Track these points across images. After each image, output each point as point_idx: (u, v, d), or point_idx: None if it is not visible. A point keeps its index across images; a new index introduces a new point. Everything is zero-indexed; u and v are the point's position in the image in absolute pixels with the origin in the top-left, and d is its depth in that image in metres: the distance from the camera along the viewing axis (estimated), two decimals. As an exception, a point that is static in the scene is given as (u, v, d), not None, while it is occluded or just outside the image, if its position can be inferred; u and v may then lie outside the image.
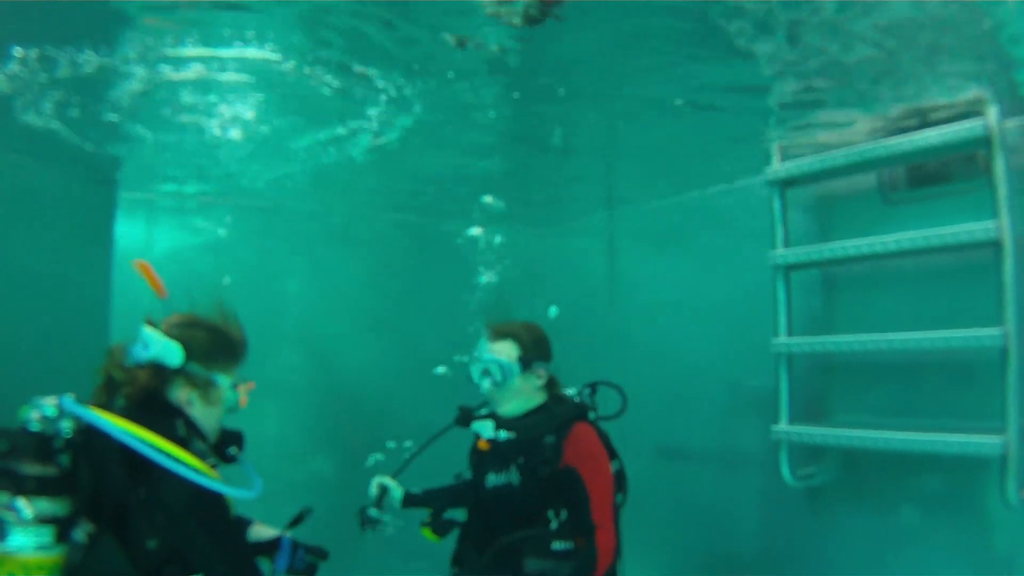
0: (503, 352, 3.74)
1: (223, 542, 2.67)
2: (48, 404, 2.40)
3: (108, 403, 2.66)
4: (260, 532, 3.19)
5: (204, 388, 2.84)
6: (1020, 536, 3.98)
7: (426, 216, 7.06)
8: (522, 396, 3.77)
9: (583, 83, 4.13)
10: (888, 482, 4.50)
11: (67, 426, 2.40)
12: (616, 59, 3.83)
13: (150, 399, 2.72)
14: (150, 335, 2.74)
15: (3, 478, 2.31)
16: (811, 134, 4.66)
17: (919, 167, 4.51)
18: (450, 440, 3.99)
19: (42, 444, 2.36)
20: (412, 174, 5.81)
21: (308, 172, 5.56)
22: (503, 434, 3.69)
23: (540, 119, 4.68)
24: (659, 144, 5.07)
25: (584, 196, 6.56)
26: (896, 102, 4.16)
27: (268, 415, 6.01)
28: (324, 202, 6.60)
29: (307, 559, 3.18)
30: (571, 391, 3.96)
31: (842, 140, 4.63)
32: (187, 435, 2.72)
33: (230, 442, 2.96)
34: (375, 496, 3.96)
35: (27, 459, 2.33)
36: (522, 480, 3.66)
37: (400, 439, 5.29)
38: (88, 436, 2.42)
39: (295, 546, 3.15)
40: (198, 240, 6.09)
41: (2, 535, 2.29)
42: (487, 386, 3.75)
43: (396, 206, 6.85)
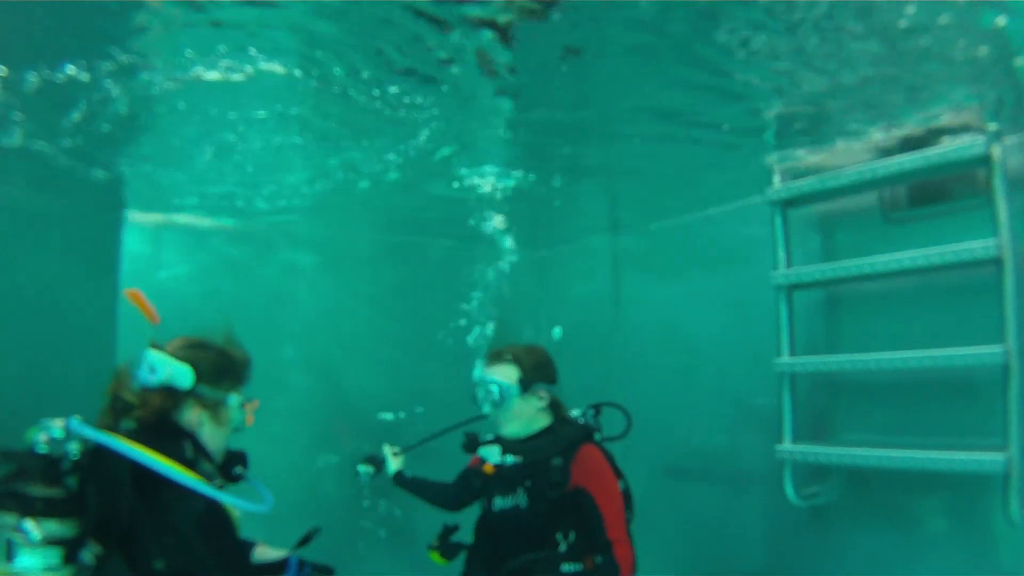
0: (503, 374, 3.78)
1: (230, 563, 2.68)
2: (55, 426, 2.41)
3: (115, 425, 2.67)
4: (265, 553, 3.20)
5: (214, 409, 2.86)
6: (1024, 553, 3.99)
7: (428, 236, 7.09)
8: (523, 418, 3.79)
9: (588, 109, 4.17)
10: (892, 500, 4.49)
11: (74, 448, 2.41)
12: (617, 84, 3.89)
13: (160, 422, 2.74)
14: (157, 359, 2.76)
15: (11, 500, 2.32)
16: (811, 154, 4.69)
17: (920, 186, 4.52)
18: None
19: (49, 466, 2.37)
20: (415, 195, 5.84)
21: (317, 194, 5.61)
22: (510, 458, 3.72)
23: (545, 142, 4.72)
24: (661, 165, 5.10)
25: (588, 217, 6.58)
26: (895, 121, 4.18)
27: (273, 435, 6.00)
28: (327, 223, 6.63)
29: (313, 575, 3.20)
30: (575, 412, 3.98)
31: (843, 160, 4.65)
32: (195, 457, 2.73)
33: (234, 462, 2.97)
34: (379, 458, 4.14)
35: (35, 481, 2.33)
36: (530, 503, 3.68)
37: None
38: (95, 458, 2.44)
39: (302, 564, 3.16)
40: (205, 261, 6.11)
41: (10, 556, 2.30)
42: (488, 408, 3.80)
43: (398, 226, 6.87)
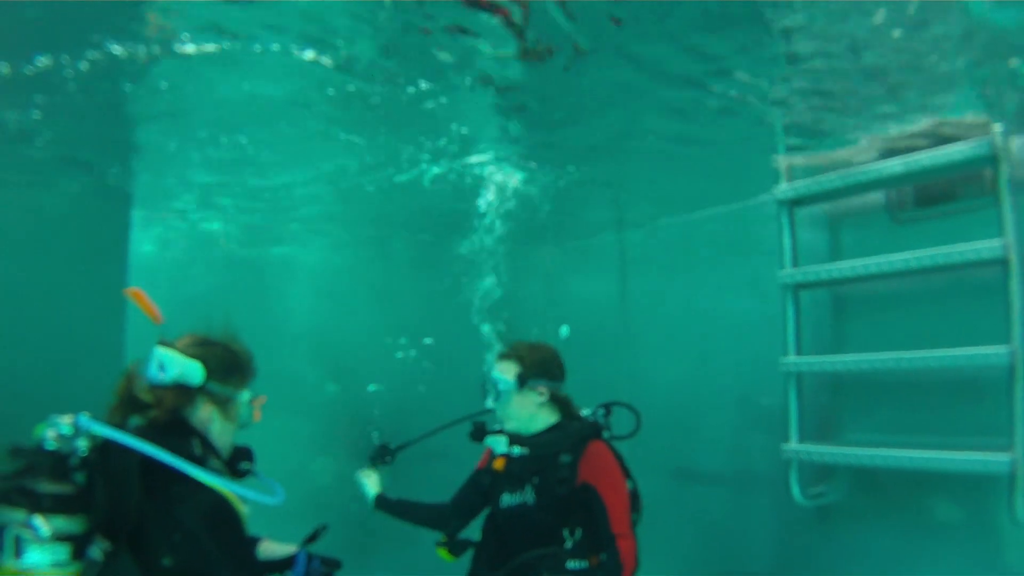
0: (503, 370, 3.86)
1: (238, 560, 2.69)
2: (64, 422, 2.42)
3: (123, 423, 2.69)
4: (272, 549, 3.22)
5: (224, 405, 2.88)
6: (1030, 553, 3.99)
7: (438, 235, 7.11)
8: (522, 413, 3.84)
9: (595, 109, 4.20)
10: (898, 500, 4.50)
11: (83, 444, 2.42)
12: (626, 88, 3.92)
13: (171, 419, 2.75)
14: (167, 356, 2.77)
15: (20, 496, 2.32)
16: (818, 154, 4.69)
17: (926, 186, 4.53)
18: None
19: (58, 462, 2.37)
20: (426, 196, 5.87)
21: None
22: (516, 449, 3.75)
23: (553, 142, 4.74)
24: (668, 164, 5.11)
25: (596, 215, 6.59)
26: (901, 121, 4.19)
27: (281, 427, 6.02)
28: (342, 220, 6.67)
29: (322, 569, 3.21)
30: (586, 412, 4.00)
31: (850, 160, 4.65)
32: (203, 454, 2.75)
33: (240, 458, 2.99)
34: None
35: (43, 477, 2.34)
36: (538, 499, 3.71)
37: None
38: (104, 454, 2.45)
39: (310, 558, 3.17)
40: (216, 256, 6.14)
41: (19, 552, 2.30)
42: (490, 402, 3.88)
43: (407, 225, 6.90)
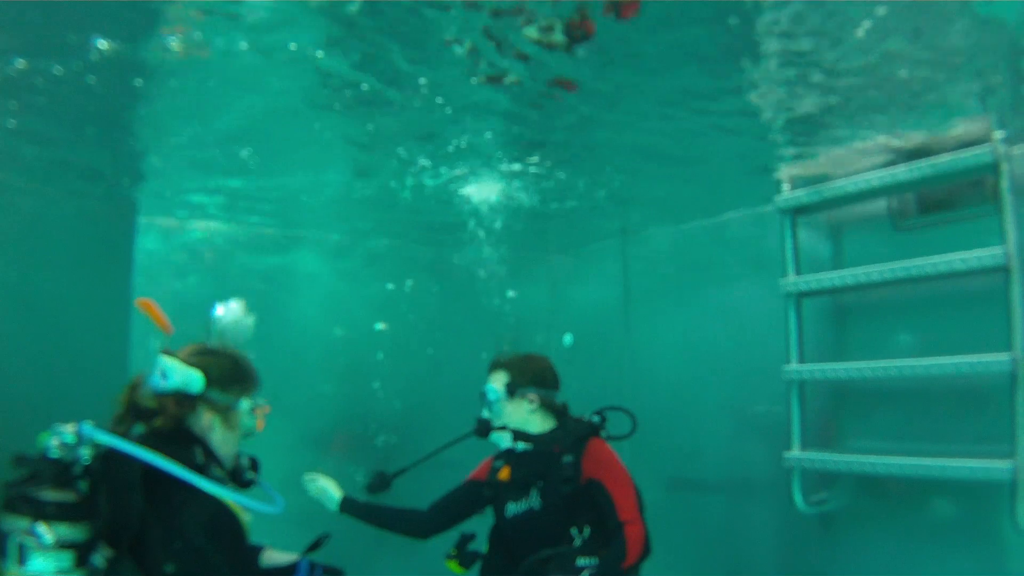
0: (494, 380, 3.94)
1: (240, 568, 2.70)
2: (67, 431, 2.44)
3: (126, 431, 2.70)
4: (274, 558, 3.23)
5: (225, 413, 2.89)
6: (1033, 560, 3.99)
7: (442, 244, 7.13)
8: (515, 420, 3.89)
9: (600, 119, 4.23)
10: (900, 507, 4.50)
11: (86, 453, 2.43)
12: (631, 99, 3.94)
13: (173, 428, 2.77)
14: (169, 365, 2.79)
15: (24, 504, 2.34)
16: (820, 163, 4.70)
17: (928, 193, 4.53)
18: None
19: (61, 470, 2.39)
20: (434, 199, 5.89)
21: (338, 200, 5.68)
22: (520, 445, 3.83)
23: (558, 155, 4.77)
24: (670, 175, 5.13)
25: (599, 223, 6.60)
26: (902, 129, 4.19)
27: (285, 435, 6.02)
28: (343, 228, 6.69)
29: None
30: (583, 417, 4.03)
31: (851, 168, 4.66)
32: (205, 462, 2.76)
33: (246, 468, 3.00)
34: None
35: (47, 485, 2.36)
36: (544, 503, 3.77)
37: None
38: (106, 462, 2.46)
39: (312, 567, 3.18)
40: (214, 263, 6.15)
41: (23, 560, 2.31)
42: (486, 412, 3.94)
43: (408, 233, 6.92)
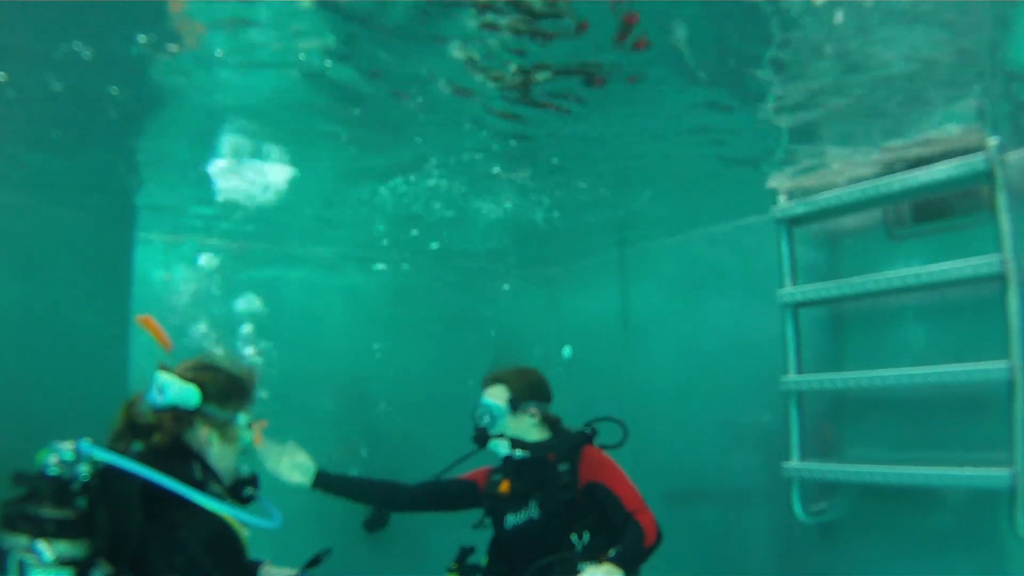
0: (494, 395, 3.96)
1: (239, 583, 2.71)
2: (66, 448, 2.45)
3: (124, 448, 2.71)
4: (273, 573, 3.23)
5: (222, 428, 2.90)
6: (1034, 568, 3.98)
7: (438, 260, 7.15)
8: (516, 434, 3.94)
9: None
10: (900, 516, 4.49)
11: (84, 470, 2.44)
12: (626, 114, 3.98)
13: (170, 443, 2.78)
14: (165, 381, 2.80)
15: (23, 521, 2.35)
16: (815, 173, 4.72)
17: (923, 202, 4.54)
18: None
19: (60, 488, 2.40)
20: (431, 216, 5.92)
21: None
22: (519, 453, 3.87)
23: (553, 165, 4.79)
24: (667, 184, 5.15)
25: (596, 237, 6.61)
26: (897, 138, 4.21)
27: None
28: (332, 245, 6.70)
29: None
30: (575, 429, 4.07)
31: (847, 177, 4.68)
32: (204, 478, 2.77)
33: (245, 484, 3.01)
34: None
35: (46, 503, 2.37)
36: (543, 512, 3.83)
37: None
38: (105, 479, 2.47)
39: None
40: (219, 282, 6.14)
41: (23, 577, 2.33)
42: (476, 444, 3.98)
43: (413, 246, 6.93)
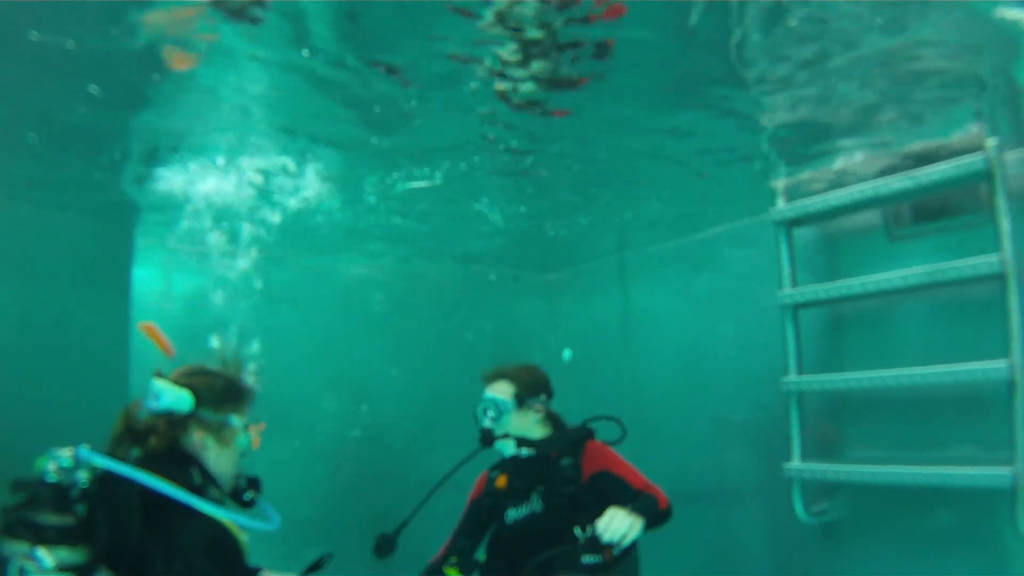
0: (499, 391, 3.91)
1: (239, 589, 2.71)
2: (64, 455, 2.44)
3: (123, 455, 2.71)
4: None
5: (218, 431, 2.89)
6: (1035, 566, 3.98)
7: (441, 260, 7.16)
8: (520, 430, 3.90)
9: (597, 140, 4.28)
10: (902, 516, 4.49)
11: (83, 476, 2.44)
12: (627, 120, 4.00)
13: (168, 448, 2.78)
14: (159, 387, 2.80)
15: (23, 528, 2.34)
16: (813, 174, 4.73)
17: (923, 202, 4.54)
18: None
19: (59, 494, 2.39)
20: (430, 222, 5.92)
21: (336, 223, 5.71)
22: (524, 451, 3.83)
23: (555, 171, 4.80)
24: (668, 188, 5.17)
25: (597, 239, 6.62)
26: (895, 138, 4.22)
27: (292, 455, 6.02)
28: (339, 246, 6.71)
29: None
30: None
31: (846, 179, 4.68)
32: (203, 483, 2.77)
33: (247, 487, 3.00)
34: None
35: (45, 509, 2.37)
36: (546, 506, 3.81)
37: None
38: (104, 485, 2.47)
39: None
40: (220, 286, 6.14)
41: (23, 584, 2.33)
42: (487, 424, 3.89)
43: (408, 250, 6.94)
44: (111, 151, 4.28)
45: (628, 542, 3.32)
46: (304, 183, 4.79)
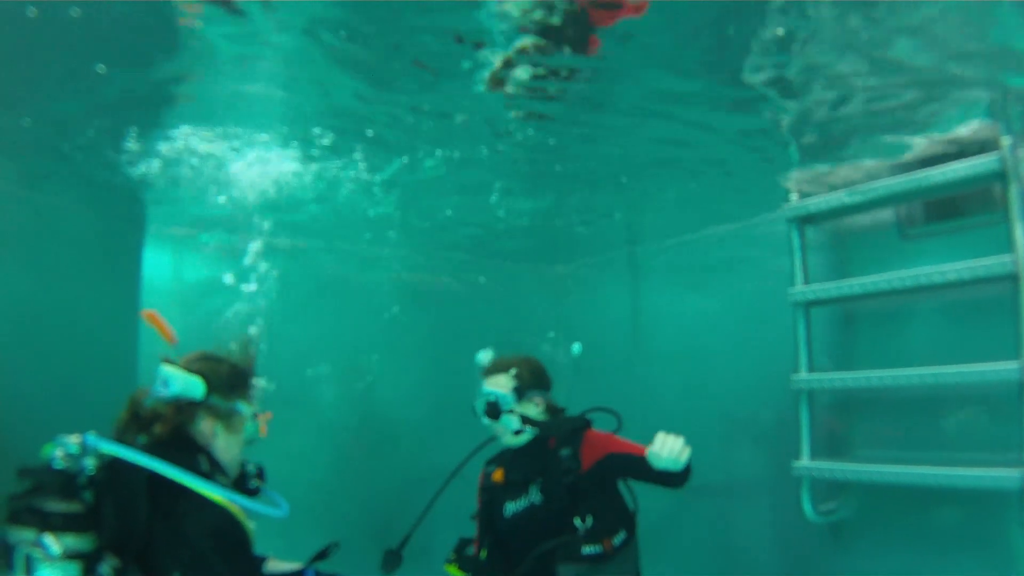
0: (499, 384, 3.89)
1: (247, 575, 2.72)
2: (71, 442, 2.45)
3: (130, 442, 2.71)
4: (280, 567, 3.23)
5: (227, 419, 2.91)
6: (1044, 568, 3.95)
7: (452, 253, 7.16)
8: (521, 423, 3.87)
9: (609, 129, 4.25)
10: (910, 516, 4.47)
11: (90, 463, 2.45)
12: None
13: (175, 435, 2.79)
14: (170, 373, 2.80)
15: (30, 515, 2.36)
16: (827, 171, 4.71)
17: (936, 202, 4.52)
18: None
19: (66, 481, 2.41)
20: (440, 214, 5.91)
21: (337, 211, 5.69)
22: (529, 431, 3.82)
23: (565, 162, 4.78)
24: (678, 185, 5.15)
25: (607, 233, 6.61)
26: (910, 136, 4.20)
27: (301, 447, 6.04)
28: (349, 239, 6.71)
29: None
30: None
31: (859, 177, 4.66)
32: (210, 470, 2.78)
33: (251, 475, 3.01)
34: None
35: (52, 496, 2.38)
36: (545, 498, 3.79)
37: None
38: (111, 472, 2.48)
39: (318, 575, 3.19)
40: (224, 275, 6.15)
41: (30, 571, 2.33)
42: (487, 418, 3.89)
43: (421, 243, 6.94)
44: (120, 129, 4.27)
45: (683, 462, 3.35)
46: (312, 167, 4.77)
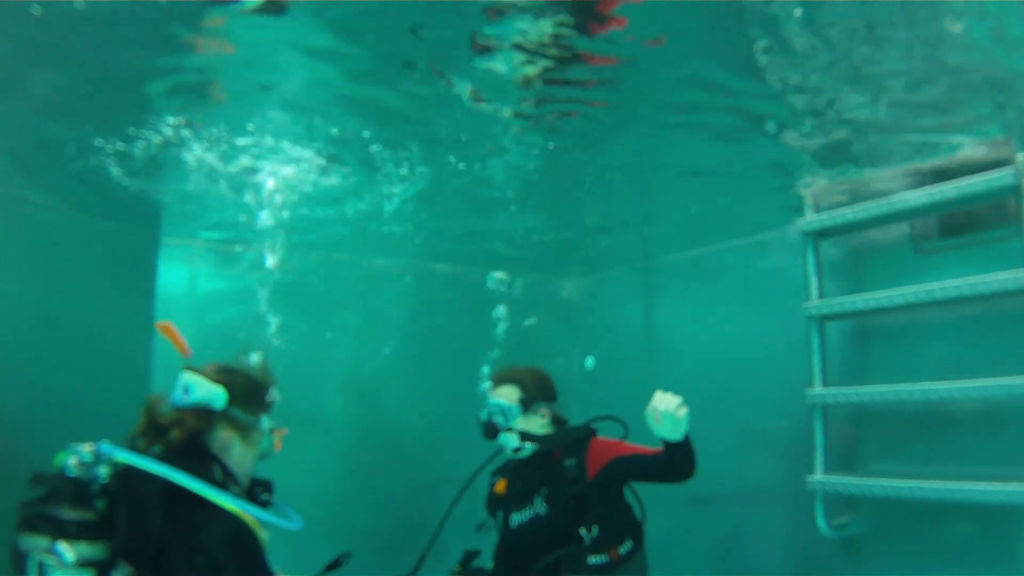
0: (505, 396, 3.89)
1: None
2: (85, 450, 2.47)
3: (144, 449, 2.73)
4: None
5: (245, 431, 2.92)
6: (1059, 584, 3.92)
7: (462, 265, 7.18)
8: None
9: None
10: (924, 531, 4.44)
11: (104, 471, 2.46)
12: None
13: (190, 444, 2.80)
14: (192, 380, 2.83)
15: (43, 522, 2.37)
16: (842, 186, 4.70)
17: (951, 216, 4.51)
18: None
19: (80, 489, 2.42)
20: (450, 226, 5.92)
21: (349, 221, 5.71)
22: (528, 446, 3.81)
23: (576, 172, 4.78)
24: (693, 197, 5.15)
25: (620, 247, 6.61)
26: (925, 151, 4.19)
27: (309, 454, 6.03)
28: (362, 249, 6.72)
29: None
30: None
31: (874, 191, 4.65)
32: (224, 480, 2.79)
33: (260, 489, 3.02)
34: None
35: (65, 504, 2.40)
36: (550, 508, 3.79)
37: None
38: (125, 480, 2.49)
39: None
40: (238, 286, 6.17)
41: (43, 578, 2.36)
42: (486, 438, 3.90)
43: (433, 255, 6.95)
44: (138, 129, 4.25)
45: (683, 426, 3.40)
46: (321, 174, 4.78)
